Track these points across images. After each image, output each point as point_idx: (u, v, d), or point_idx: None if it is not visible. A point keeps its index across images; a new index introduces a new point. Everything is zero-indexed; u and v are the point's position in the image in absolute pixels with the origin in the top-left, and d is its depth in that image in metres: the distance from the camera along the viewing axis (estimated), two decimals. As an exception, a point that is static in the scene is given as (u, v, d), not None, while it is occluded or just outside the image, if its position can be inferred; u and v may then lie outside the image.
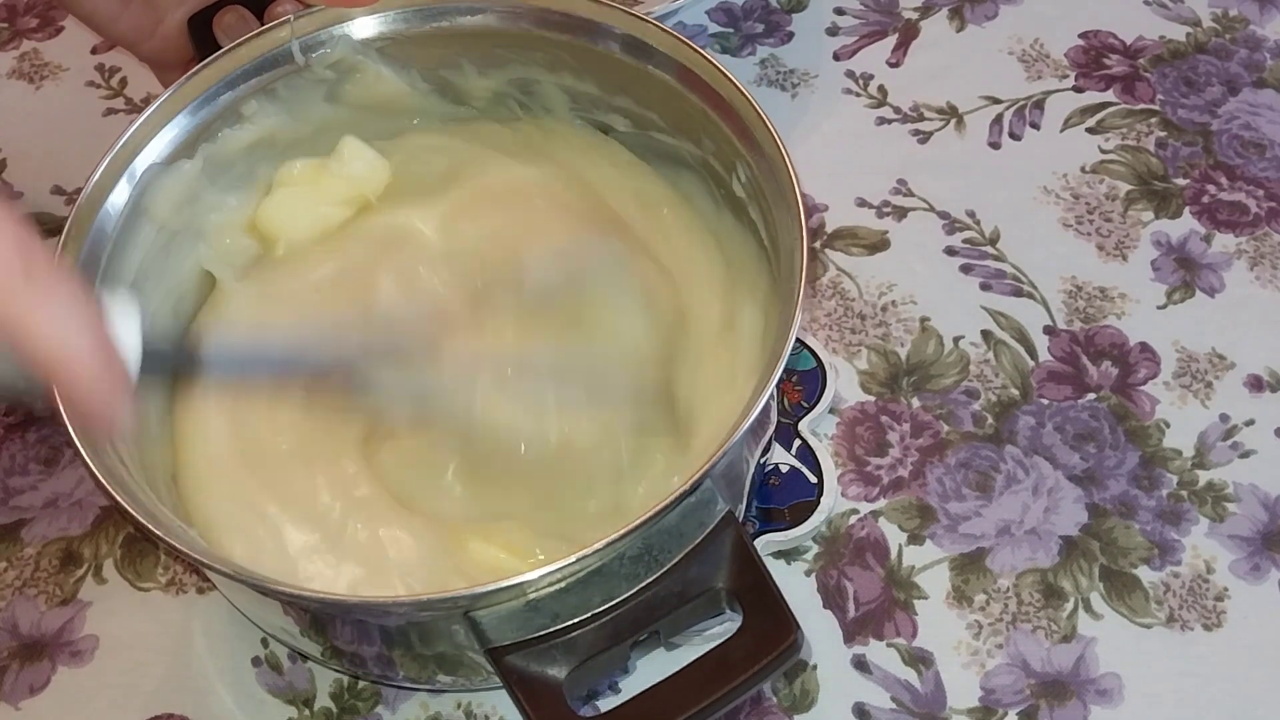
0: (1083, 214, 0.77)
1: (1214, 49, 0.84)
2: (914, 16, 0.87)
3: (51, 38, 0.89)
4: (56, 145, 0.84)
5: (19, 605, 0.67)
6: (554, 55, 0.67)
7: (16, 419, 0.73)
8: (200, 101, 0.64)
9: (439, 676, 0.59)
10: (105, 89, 0.87)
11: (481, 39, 0.66)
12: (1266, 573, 0.66)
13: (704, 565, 0.52)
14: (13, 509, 0.70)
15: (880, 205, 0.78)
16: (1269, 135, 0.80)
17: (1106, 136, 0.81)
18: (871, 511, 0.68)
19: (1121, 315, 0.74)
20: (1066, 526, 0.67)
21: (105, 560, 0.68)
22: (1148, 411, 0.71)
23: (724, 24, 0.87)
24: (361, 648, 0.58)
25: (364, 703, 0.64)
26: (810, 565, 0.67)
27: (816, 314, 0.74)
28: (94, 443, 0.55)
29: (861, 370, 0.72)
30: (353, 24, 0.67)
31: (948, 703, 0.63)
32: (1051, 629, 0.65)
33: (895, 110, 0.83)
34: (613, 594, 0.52)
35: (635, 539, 0.52)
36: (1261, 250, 0.76)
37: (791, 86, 0.84)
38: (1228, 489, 0.68)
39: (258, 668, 0.65)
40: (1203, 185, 0.78)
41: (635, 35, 0.64)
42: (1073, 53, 0.85)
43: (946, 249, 0.76)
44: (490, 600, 0.52)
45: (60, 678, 0.65)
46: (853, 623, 0.65)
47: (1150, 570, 0.66)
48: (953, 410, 0.71)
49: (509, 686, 0.51)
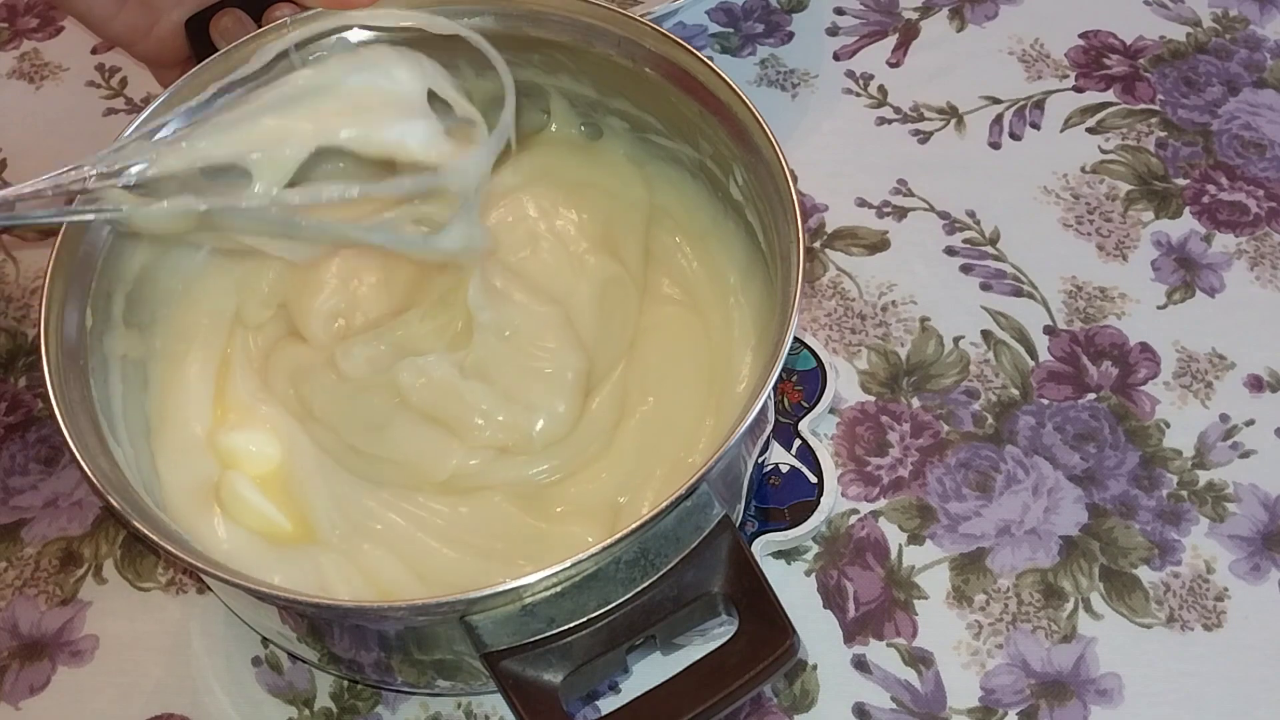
0: (1083, 214, 0.77)
1: (1214, 49, 0.84)
2: (914, 16, 0.87)
3: (51, 38, 0.89)
4: (56, 145, 0.84)
5: (19, 605, 0.67)
6: (551, 58, 0.67)
7: (17, 419, 0.73)
8: (197, 105, 0.64)
9: (437, 681, 0.59)
10: (105, 89, 0.87)
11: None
12: (1266, 573, 0.66)
13: (700, 570, 0.52)
14: (13, 509, 0.70)
15: (880, 205, 0.78)
16: (1269, 135, 0.80)
17: (1106, 136, 0.81)
18: (871, 511, 0.68)
19: (1121, 315, 0.74)
20: (1066, 526, 0.67)
21: (105, 560, 0.69)
22: (1148, 411, 0.70)
23: (724, 24, 0.87)
24: (359, 653, 0.58)
25: (364, 703, 0.64)
26: (810, 565, 0.67)
27: (816, 314, 0.74)
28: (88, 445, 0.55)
29: (861, 370, 0.72)
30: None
31: (948, 703, 0.63)
32: (1051, 629, 0.65)
33: (895, 110, 0.83)
34: (609, 599, 0.52)
35: (631, 543, 0.51)
36: (1261, 250, 0.76)
37: (791, 87, 0.84)
38: (1228, 489, 0.68)
39: (257, 668, 0.65)
40: (1203, 185, 0.78)
41: (632, 38, 0.64)
42: (1073, 53, 0.85)
43: (946, 249, 0.76)
44: (486, 605, 0.51)
45: (60, 677, 0.65)
46: (853, 623, 0.65)
47: (1150, 570, 0.66)
48: (953, 410, 0.71)
49: (504, 691, 0.51)
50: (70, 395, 0.57)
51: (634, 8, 0.79)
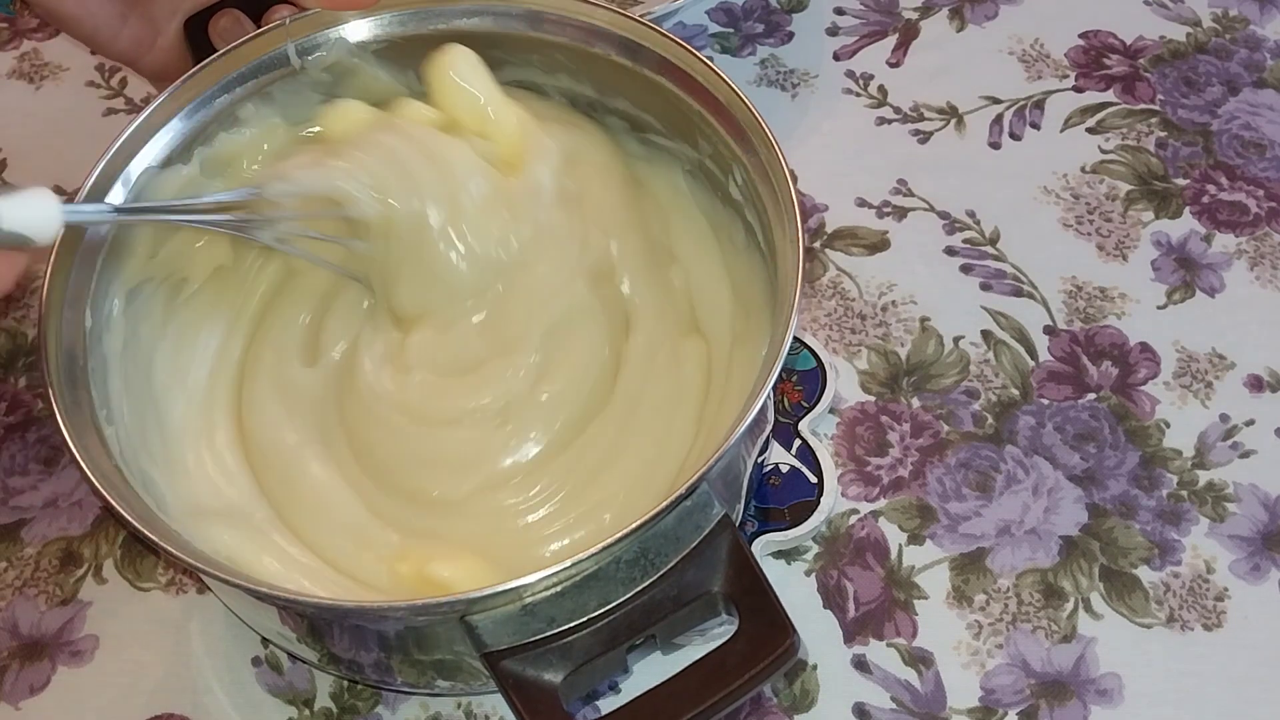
0: (1083, 214, 0.77)
1: (1214, 49, 0.84)
2: (914, 16, 0.87)
3: (51, 38, 0.89)
4: (56, 145, 0.84)
5: (19, 605, 0.67)
6: (550, 58, 0.67)
7: (17, 419, 0.73)
8: (196, 105, 0.64)
9: (437, 681, 0.59)
10: (105, 89, 0.87)
11: (478, 41, 0.66)
12: (1266, 573, 0.66)
13: (700, 569, 0.52)
14: (13, 509, 0.70)
15: (880, 205, 0.78)
16: (1269, 135, 0.80)
17: (1106, 136, 0.81)
18: (871, 511, 0.68)
19: (1121, 315, 0.74)
20: (1066, 526, 0.67)
21: (105, 560, 0.69)
22: (1148, 411, 0.70)
23: (724, 24, 0.87)
24: (359, 653, 0.58)
25: (364, 703, 0.64)
26: (810, 565, 0.67)
27: (816, 314, 0.74)
28: (88, 446, 0.55)
29: (861, 370, 0.72)
30: (348, 27, 0.66)
31: (948, 703, 0.63)
32: (1051, 629, 0.65)
33: (895, 110, 0.83)
34: (609, 598, 0.52)
35: (631, 543, 0.51)
36: (1261, 250, 0.76)
37: (791, 87, 0.84)
38: (1228, 489, 0.68)
39: (257, 668, 0.65)
40: (1203, 185, 0.78)
41: (631, 38, 0.64)
42: (1073, 53, 0.85)
43: (946, 249, 0.76)
44: (486, 604, 0.51)
45: (60, 677, 0.65)
46: (853, 623, 0.65)
47: (1150, 570, 0.66)
48: (953, 410, 0.71)
49: (504, 691, 0.51)
50: (70, 395, 0.57)
51: (634, 8, 0.79)
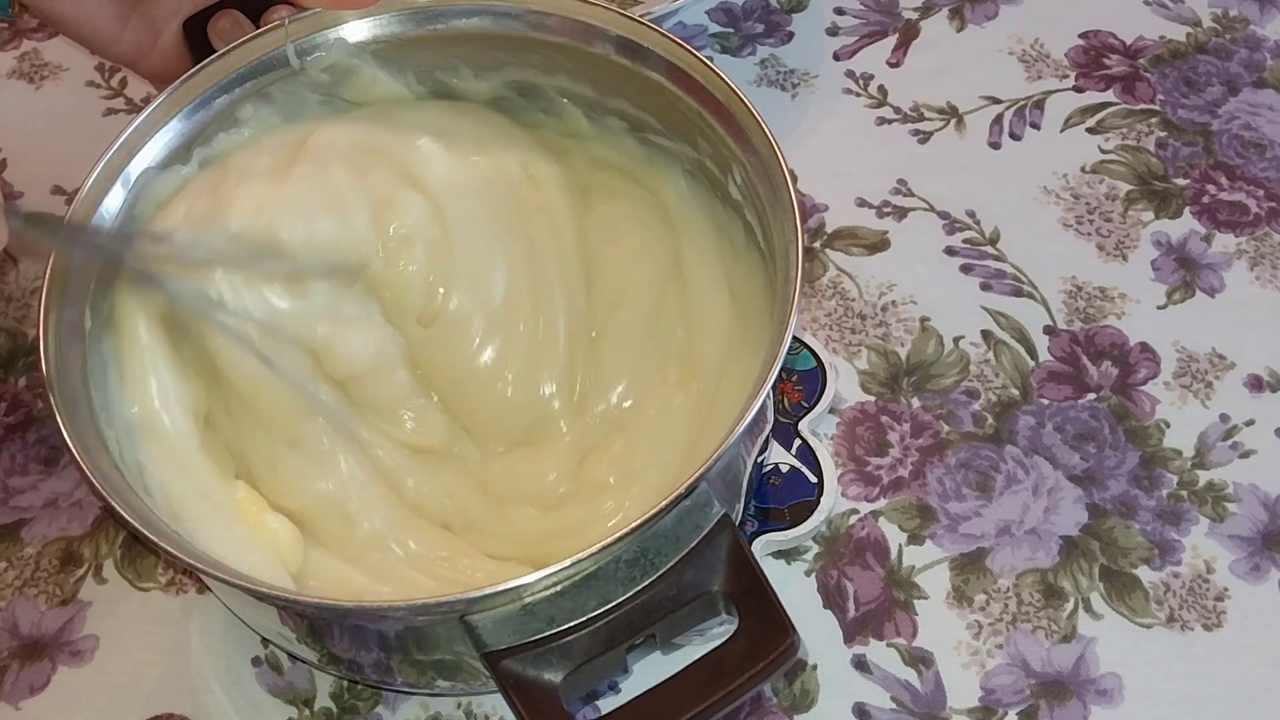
0: (1083, 214, 0.77)
1: (1214, 49, 0.84)
2: (914, 16, 0.87)
3: (51, 38, 0.89)
4: (56, 145, 0.84)
5: (19, 605, 0.67)
6: (549, 58, 0.67)
7: (17, 419, 0.73)
8: (195, 105, 0.64)
9: (437, 681, 0.59)
10: (105, 89, 0.87)
11: (477, 42, 0.66)
12: (1266, 573, 0.66)
13: (700, 569, 0.52)
14: (13, 509, 0.70)
15: (880, 205, 0.78)
16: (1269, 135, 0.80)
17: (1106, 136, 0.81)
18: (871, 511, 0.68)
19: (1121, 315, 0.74)
20: (1066, 526, 0.67)
21: (105, 560, 0.69)
22: (1148, 411, 0.70)
23: (724, 24, 0.87)
24: (359, 653, 0.58)
25: (364, 703, 0.64)
26: (810, 565, 0.67)
27: (816, 314, 0.74)
28: (88, 446, 0.55)
29: (861, 370, 0.72)
30: (347, 27, 0.66)
31: (948, 703, 0.63)
32: (1051, 629, 0.65)
33: (895, 110, 0.83)
34: (608, 598, 0.52)
35: (631, 542, 0.51)
36: (1261, 250, 0.76)
37: (791, 87, 0.84)
38: (1228, 489, 0.68)
39: (257, 668, 0.65)
40: (1203, 185, 0.78)
41: (630, 37, 0.64)
42: (1073, 53, 0.85)
43: (946, 249, 0.76)
44: (486, 604, 0.51)
45: (60, 678, 0.65)
46: (853, 623, 0.65)
47: (1150, 570, 0.66)
48: (953, 410, 0.71)
49: (504, 691, 0.51)
50: (70, 396, 0.57)
51: (634, 8, 0.79)
